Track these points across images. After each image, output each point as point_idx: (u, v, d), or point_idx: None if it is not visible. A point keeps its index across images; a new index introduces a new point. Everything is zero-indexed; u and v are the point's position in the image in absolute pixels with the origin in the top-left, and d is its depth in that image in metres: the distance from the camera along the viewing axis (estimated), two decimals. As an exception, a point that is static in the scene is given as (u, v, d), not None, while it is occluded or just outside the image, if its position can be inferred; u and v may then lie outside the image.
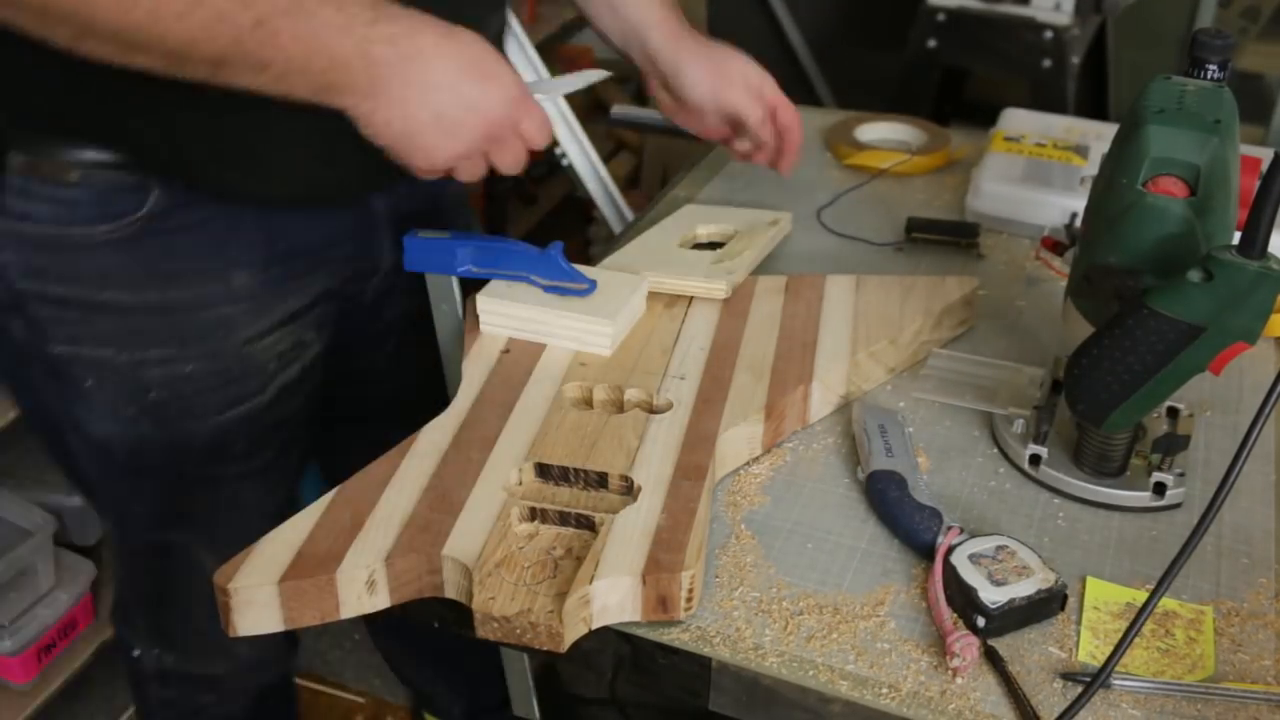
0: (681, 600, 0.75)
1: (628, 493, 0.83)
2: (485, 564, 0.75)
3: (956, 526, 0.82)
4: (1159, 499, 0.87)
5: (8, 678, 1.71)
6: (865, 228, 1.25)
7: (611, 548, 0.76)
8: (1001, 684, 0.74)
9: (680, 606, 0.76)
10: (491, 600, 0.73)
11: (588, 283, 0.99)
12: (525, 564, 0.76)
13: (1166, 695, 0.73)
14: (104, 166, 0.90)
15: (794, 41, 2.85)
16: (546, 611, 0.73)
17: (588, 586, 0.73)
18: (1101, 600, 0.80)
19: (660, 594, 0.75)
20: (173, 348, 0.97)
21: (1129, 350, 0.78)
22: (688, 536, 0.77)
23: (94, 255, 0.92)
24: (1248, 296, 0.74)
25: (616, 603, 0.75)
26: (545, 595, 0.74)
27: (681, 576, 0.75)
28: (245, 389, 1.02)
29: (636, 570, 0.74)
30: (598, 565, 0.74)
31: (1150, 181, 0.80)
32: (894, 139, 1.44)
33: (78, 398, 0.99)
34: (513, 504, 0.80)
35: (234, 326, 0.99)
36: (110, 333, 0.96)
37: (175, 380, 0.99)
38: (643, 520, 0.79)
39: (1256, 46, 2.39)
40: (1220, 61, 0.83)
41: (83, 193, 0.91)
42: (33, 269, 0.93)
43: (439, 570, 0.77)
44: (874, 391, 1.00)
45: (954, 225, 1.23)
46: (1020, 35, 2.10)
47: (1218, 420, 0.98)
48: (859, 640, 0.77)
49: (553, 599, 0.74)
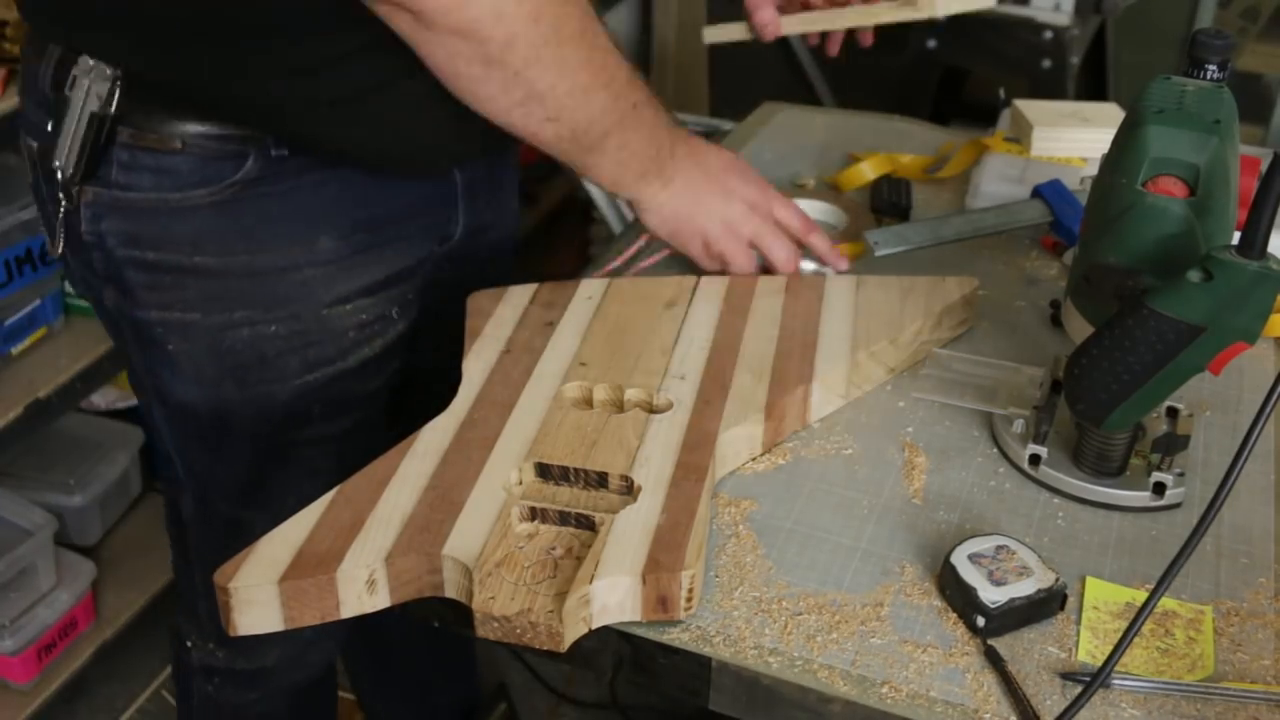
0: (681, 600, 0.75)
1: (628, 492, 0.83)
2: (485, 563, 0.75)
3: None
4: (1159, 499, 0.87)
5: (8, 678, 1.71)
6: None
7: (611, 547, 0.76)
8: (1001, 684, 0.74)
9: (680, 606, 0.76)
10: (492, 600, 0.73)
11: None
12: (525, 563, 0.76)
13: (1166, 695, 0.73)
14: (207, 137, 0.96)
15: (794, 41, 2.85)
16: (546, 611, 0.73)
17: (588, 586, 0.73)
18: (1101, 600, 0.80)
19: (660, 593, 0.75)
20: (258, 310, 1.02)
21: (1129, 350, 0.78)
22: (688, 536, 0.77)
23: (190, 219, 0.98)
24: (1247, 296, 0.74)
25: (616, 602, 0.75)
26: (545, 595, 0.74)
27: (681, 576, 0.75)
28: (324, 353, 1.06)
29: (636, 570, 0.75)
30: (598, 565, 0.74)
31: (1150, 181, 0.80)
32: (811, 218, 1.23)
33: (164, 362, 1.05)
34: (513, 504, 0.80)
35: (315, 289, 1.03)
36: (198, 297, 1.01)
37: (258, 341, 1.03)
38: (643, 520, 0.78)
39: (1256, 46, 2.39)
40: (1220, 62, 0.84)
41: (184, 160, 0.96)
42: (129, 237, 0.99)
43: (439, 570, 0.77)
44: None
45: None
46: (1020, 35, 2.10)
47: (1218, 420, 0.98)
48: (859, 640, 0.77)
49: (553, 599, 0.74)
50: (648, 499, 0.80)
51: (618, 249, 1.20)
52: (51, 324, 1.59)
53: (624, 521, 0.78)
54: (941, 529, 0.86)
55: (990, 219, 1.17)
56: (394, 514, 0.79)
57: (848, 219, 1.24)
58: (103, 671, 1.83)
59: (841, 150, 1.42)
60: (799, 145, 1.44)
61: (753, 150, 1.43)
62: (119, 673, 1.93)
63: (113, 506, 1.99)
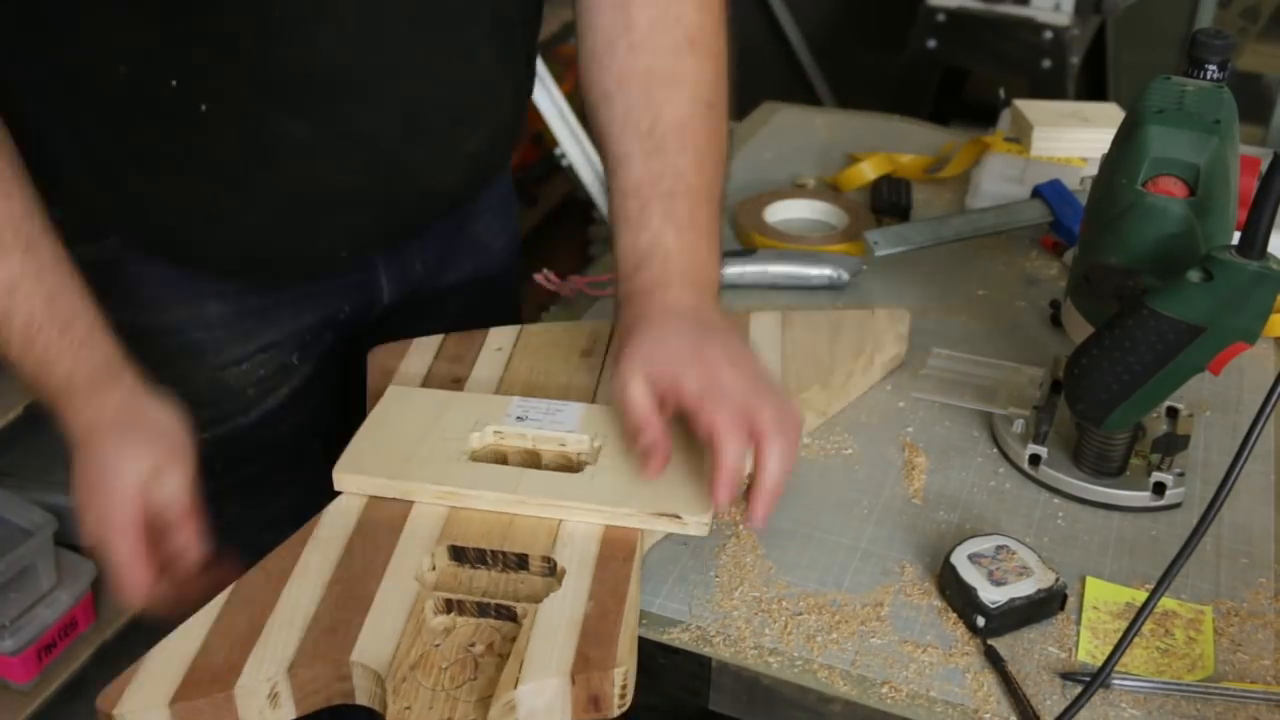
0: (615, 698, 0.69)
1: (551, 574, 0.76)
2: (399, 668, 0.68)
3: None
4: (1159, 499, 0.87)
5: (8, 678, 1.71)
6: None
7: (536, 643, 0.69)
8: (1001, 684, 0.74)
9: (614, 704, 0.69)
10: (407, 710, 0.66)
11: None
12: (443, 664, 0.69)
13: (1166, 695, 0.73)
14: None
15: (794, 41, 2.86)
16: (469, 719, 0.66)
17: (512, 691, 0.66)
18: (1101, 600, 0.80)
19: (591, 693, 0.68)
20: (146, 369, 0.92)
21: (1129, 350, 0.78)
22: (618, 626, 0.70)
23: (93, 273, 0.90)
24: (1247, 296, 0.74)
25: (544, 705, 0.68)
26: (466, 701, 0.67)
27: (614, 674, 0.68)
28: (220, 412, 0.99)
29: (564, 669, 0.67)
30: (521, 666, 0.67)
31: (1150, 181, 0.80)
32: (810, 218, 1.28)
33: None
34: (426, 596, 0.73)
35: (204, 353, 0.96)
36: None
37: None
38: (568, 609, 0.72)
39: (1256, 46, 2.39)
40: (1220, 61, 0.84)
41: (64, 218, 0.88)
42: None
43: (349, 676, 0.70)
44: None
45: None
46: (1020, 35, 2.11)
47: (1218, 420, 0.98)
48: (859, 640, 0.77)
49: (474, 704, 0.67)
50: (572, 583, 0.74)
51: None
52: (51, 324, 1.59)
53: (548, 612, 0.71)
54: (941, 529, 0.86)
55: (990, 219, 1.17)
56: (295, 614, 0.72)
57: (848, 219, 1.24)
58: (103, 671, 1.82)
59: (841, 150, 1.42)
60: (799, 145, 1.44)
61: (753, 150, 1.43)
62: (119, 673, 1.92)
63: (113, 506, 1.98)
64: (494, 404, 0.88)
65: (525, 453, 0.85)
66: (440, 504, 0.80)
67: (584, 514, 0.79)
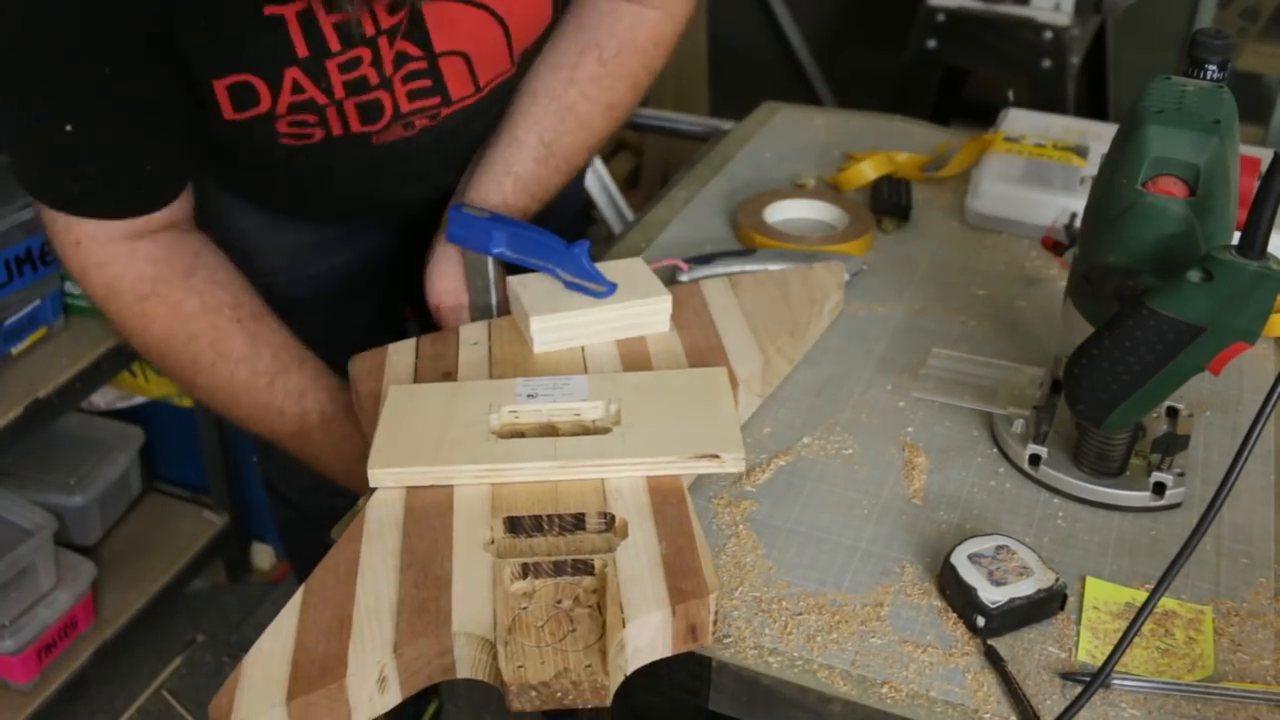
0: (710, 625, 0.73)
1: (608, 529, 0.79)
2: (502, 632, 0.70)
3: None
4: (1159, 499, 0.87)
5: (8, 678, 1.71)
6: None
7: (628, 587, 0.72)
8: (1001, 684, 0.74)
9: (709, 632, 0.73)
10: (521, 669, 0.68)
11: (608, 286, 0.98)
12: (537, 623, 0.71)
13: (1166, 695, 0.73)
14: None
15: (794, 41, 2.86)
16: (585, 667, 0.68)
17: (622, 631, 0.70)
18: (1101, 600, 0.80)
19: (690, 622, 0.72)
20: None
21: (1129, 350, 0.78)
22: (698, 559, 0.74)
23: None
24: (1247, 296, 0.74)
25: (648, 641, 0.72)
26: (574, 651, 0.69)
27: (709, 600, 0.72)
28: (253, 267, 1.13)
29: (664, 603, 0.71)
30: (623, 607, 0.71)
31: (1150, 181, 0.80)
32: (810, 218, 1.27)
33: None
34: (503, 564, 0.75)
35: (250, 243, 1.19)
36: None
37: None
38: (645, 552, 0.75)
39: (1256, 46, 2.39)
40: (1220, 61, 0.84)
41: None
42: None
43: (449, 650, 0.71)
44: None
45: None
46: (1020, 35, 2.11)
47: (1218, 420, 0.98)
48: (859, 640, 0.77)
49: (584, 651, 0.69)
50: (637, 531, 0.77)
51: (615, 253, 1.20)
52: (51, 324, 1.59)
53: (627, 558, 0.75)
54: (941, 529, 0.86)
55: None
56: (379, 604, 0.73)
57: (848, 219, 1.24)
58: (103, 671, 1.83)
59: (841, 150, 1.42)
60: (799, 145, 1.44)
61: (753, 150, 1.43)
62: (119, 673, 1.93)
63: (113, 506, 1.99)
64: (501, 387, 0.90)
65: (543, 426, 0.88)
66: (481, 482, 0.82)
67: (626, 469, 0.82)
